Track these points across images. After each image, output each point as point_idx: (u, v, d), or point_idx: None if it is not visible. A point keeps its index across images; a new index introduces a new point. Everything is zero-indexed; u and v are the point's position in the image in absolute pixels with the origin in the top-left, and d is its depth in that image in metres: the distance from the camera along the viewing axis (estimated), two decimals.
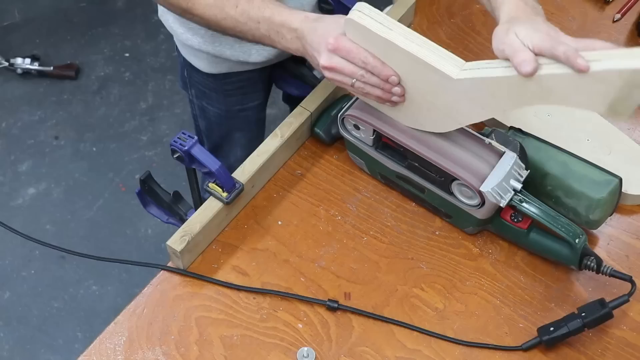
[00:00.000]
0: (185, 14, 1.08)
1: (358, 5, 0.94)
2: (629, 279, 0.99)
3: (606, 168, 1.06)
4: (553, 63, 0.85)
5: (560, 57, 0.84)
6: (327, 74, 0.99)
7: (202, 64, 1.32)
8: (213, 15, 1.05)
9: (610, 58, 0.82)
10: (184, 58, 1.36)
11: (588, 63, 0.81)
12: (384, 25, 0.93)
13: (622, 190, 1.06)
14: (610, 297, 0.98)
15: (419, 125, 1.03)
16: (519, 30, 0.88)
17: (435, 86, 0.95)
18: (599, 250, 1.09)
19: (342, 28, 0.96)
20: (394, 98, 0.99)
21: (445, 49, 0.94)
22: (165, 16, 1.29)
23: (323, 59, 0.97)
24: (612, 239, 1.10)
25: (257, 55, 1.26)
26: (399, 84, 0.97)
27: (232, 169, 1.09)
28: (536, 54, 0.86)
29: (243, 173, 1.09)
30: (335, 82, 1.00)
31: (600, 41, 0.85)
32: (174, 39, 1.34)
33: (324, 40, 0.97)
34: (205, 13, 1.06)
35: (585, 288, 1.05)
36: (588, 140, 1.17)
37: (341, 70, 0.97)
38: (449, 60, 0.93)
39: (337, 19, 0.99)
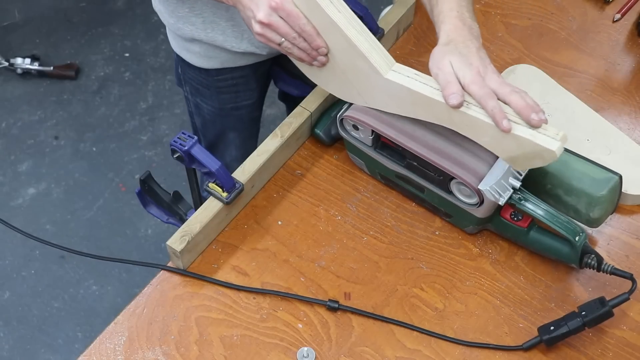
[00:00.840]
0: None
1: None
2: (630, 277, 0.99)
3: None
4: (478, 105, 0.94)
5: (488, 111, 0.92)
6: (259, 29, 0.99)
7: (195, 58, 1.32)
8: None
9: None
10: (177, 54, 1.37)
11: (511, 125, 0.91)
12: (333, 5, 0.97)
13: (622, 190, 1.06)
14: (611, 297, 0.98)
15: (325, 85, 1.09)
16: (454, 60, 0.94)
17: (361, 72, 1.01)
18: (599, 250, 1.09)
19: None
20: (315, 63, 1.03)
21: None
22: (158, 7, 1.30)
23: (262, 14, 0.98)
24: (612, 239, 1.10)
25: (249, 43, 1.26)
26: (326, 55, 1.02)
27: (228, 168, 1.09)
28: (465, 89, 0.94)
29: (243, 173, 1.09)
30: (263, 37, 1.01)
31: (528, 97, 0.93)
32: (168, 33, 1.35)
33: None
34: None
35: (585, 288, 1.05)
36: (588, 140, 1.17)
37: (276, 29, 0.99)
38: (382, 55, 0.99)
39: None
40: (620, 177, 1.04)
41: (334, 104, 1.18)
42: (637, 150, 1.17)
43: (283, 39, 1.00)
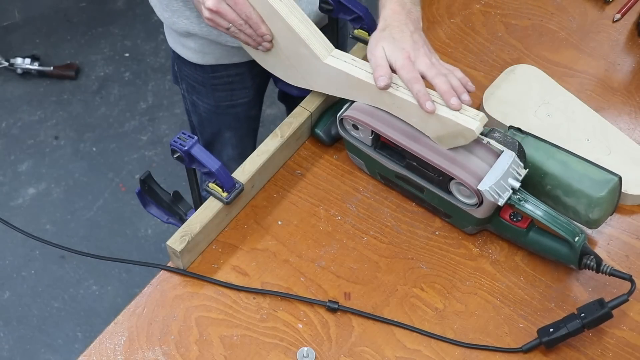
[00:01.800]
0: None
1: None
2: (629, 278, 0.99)
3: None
4: (405, 87, 1.01)
5: (413, 94, 0.99)
6: (208, 14, 1.06)
7: (190, 54, 1.33)
8: None
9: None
10: (173, 50, 1.37)
11: (435, 106, 0.98)
12: None
13: (622, 190, 1.06)
14: (610, 297, 0.98)
15: (275, 72, 1.15)
16: (386, 46, 1.02)
17: (303, 57, 1.08)
18: (599, 250, 1.09)
19: None
20: (260, 48, 1.10)
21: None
22: (153, 1, 1.30)
23: (210, 2, 1.04)
24: (612, 239, 1.10)
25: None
26: (270, 42, 1.09)
27: (225, 167, 1.09)
28: (397, 74, 1.01)
29: (243, 173, 1.09)
30: (212, 22, 1.07)
31: (459, 72, 1.01)
32: (164, 29, 1.35)
33: None
34: None
35: (585, 288, 1.05)
36: (588, 140, 1.17)
37: (224, 16, 1.05)
38: (321, 42, 1.07)
39: None
40: (620, 178, 1.04)
41: (334, 104, 1.18)
42: (637, 150, 1.17)
43: (230, 25, 1.06)
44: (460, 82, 1.01)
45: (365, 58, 1.06)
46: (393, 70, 1.02)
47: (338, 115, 1.09)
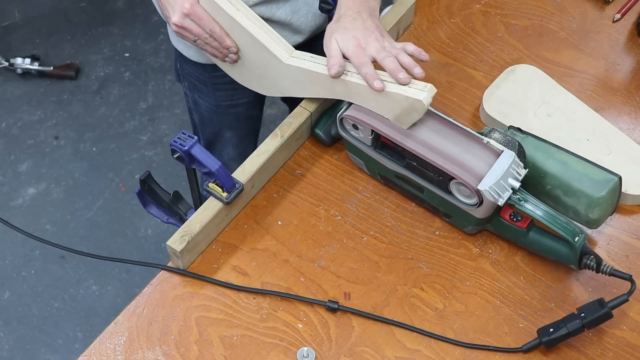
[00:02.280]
0: None
1: None
2: (629, 278, 0.99)
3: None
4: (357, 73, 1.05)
5: (363, 77, 1.03)
6: (175, 29, 1.12)
7: (191, 52, 1.33)
8: None
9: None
10: (175, 48, 1.37)
11: (383, 84, 1.01)
12: (233, 5, 1.09)
13: (622, 190, 1.06)
14: (610, 297, 0.98)
15: (251, 86, 1.20)
16: (338, 37, 1.06)
17: (268, 62, 1.12)
18: (599, 250, 1.09)
19: None
20: (227, 59, 1.15)
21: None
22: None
23: (176, 18, 1.10)
24: (612, 238, 1.10)
25: None
26: (236, 53, 1.13)
27: (225, 167, 1.09)
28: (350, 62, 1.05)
29: (243, 173, 1.09)
30: (179, 35, 1.13)
31: (411, 45, 1.05)
32: (167, 26, 1.35)
33: (181, 2, 1.09)
34: None
35: (585, 288, 1.05)
36: (588, 140, 1.17)
37: (190, 31, 1.11)
38: (281, 45, 1.10)
39: None
40: (620, 178, 1.04)
41: (334, 104, 1.18)
42: (637, 150, 1.17)
43: (197, 38, 1.12)
44: (413, 55, 1.05)
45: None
46: (347, 60, 1.05)
47: (338, 115, 1.09)
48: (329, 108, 1.18)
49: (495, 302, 1.04)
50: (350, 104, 1.08)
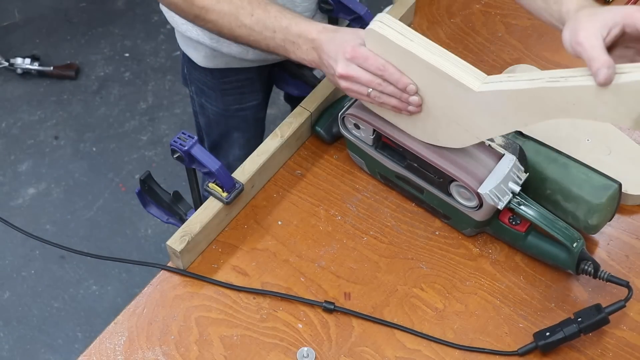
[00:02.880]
0: (197, 20, 1.07)
1: (379, 16, 0.94)
2: (626, 285, 0.99)
3: (606, 168, 1.06)
4: (578, 75, 0.83)
5: (591, 70, 0.81)
6: (343, 83, 0.99)
7: (200, 58, 1.32)
8: (227, 22, 1.04)
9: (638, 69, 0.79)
10: (183, 53, 1.36)
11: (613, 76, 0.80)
12: (405, 36, 0.92)
13: (622, 190, 1.06)
14: (610, 298, 0.98)
15: (435, 140, 1.01)
16: (589, 26, 0.85)
17: (455, 99, 0.93)
18: (599, 250, 1.09)
19: (360, 38, 0.96)
20: (410, 108, 0.97)
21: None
22: (164, 9, 1.29)
23: (340, 67, 0.97)
24: (612, 239, 1.10)
25: (254, 54, 1.26)
26: (416, 93, 0.96)
27: (231, 168, 1.09)
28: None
29: (243, 173, 1.09)
30: (351, 91, 1.00)
31: None
32: (175, 31, 1.34)
33: (342, 49, 0.96)
34: (218, 21, 1.05)
35: (585, 288, 1.05)
36: (588, 140, 1.17)
37: (358, 79, 0.97)
38: (470, 72, 0.92)
39: (355, 30, 0.99)
40: (620, 185, 1.04)
41: (335, 103, 1.18)
42: (637, 150, 1.17)
43: (370, 89, 0.97)
44: None
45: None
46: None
47: (340, 113, 1.09)
48: (330, 106, 1.18)
49: (495, 302, 1.04)
50: (353, 101, 1.08)
